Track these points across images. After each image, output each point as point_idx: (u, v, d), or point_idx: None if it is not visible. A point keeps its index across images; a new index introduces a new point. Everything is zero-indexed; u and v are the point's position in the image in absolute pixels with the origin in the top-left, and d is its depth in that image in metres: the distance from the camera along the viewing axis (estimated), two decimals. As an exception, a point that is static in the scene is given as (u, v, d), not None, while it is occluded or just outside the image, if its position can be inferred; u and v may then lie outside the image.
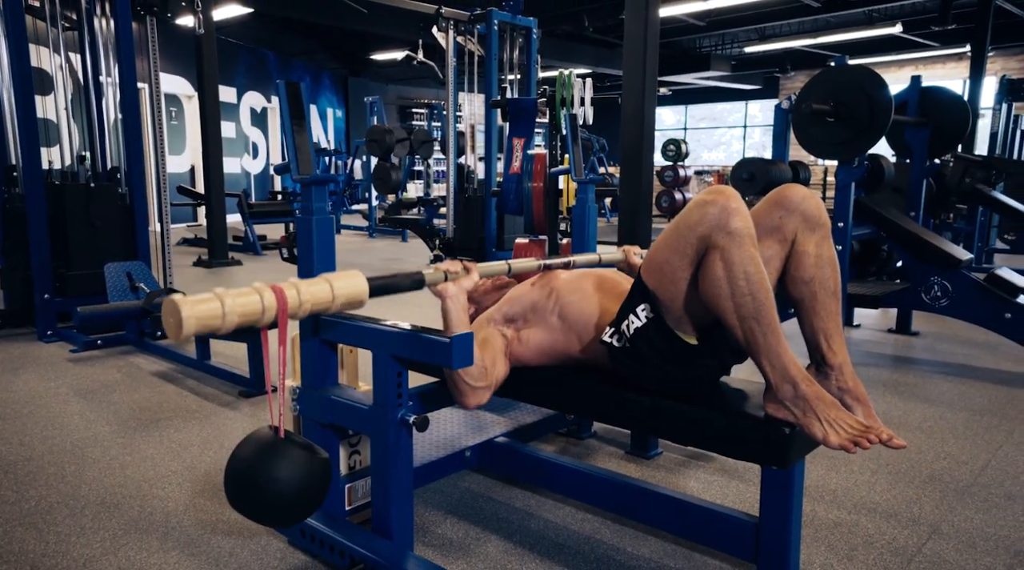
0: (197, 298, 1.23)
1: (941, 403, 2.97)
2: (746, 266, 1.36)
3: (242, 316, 1.26)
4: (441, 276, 1.60)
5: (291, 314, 1.34)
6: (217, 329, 1.25)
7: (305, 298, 1.34)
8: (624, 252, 2.10)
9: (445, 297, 1.59)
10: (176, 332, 1.21)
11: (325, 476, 1.38)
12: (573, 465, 1.92)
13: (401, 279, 1.54)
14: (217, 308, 1.23)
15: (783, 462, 1.42)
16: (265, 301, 1.29)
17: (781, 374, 1.39)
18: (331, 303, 1.39)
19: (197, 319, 1.21)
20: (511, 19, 6.08)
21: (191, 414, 2.79)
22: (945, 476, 2.25)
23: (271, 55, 13.80)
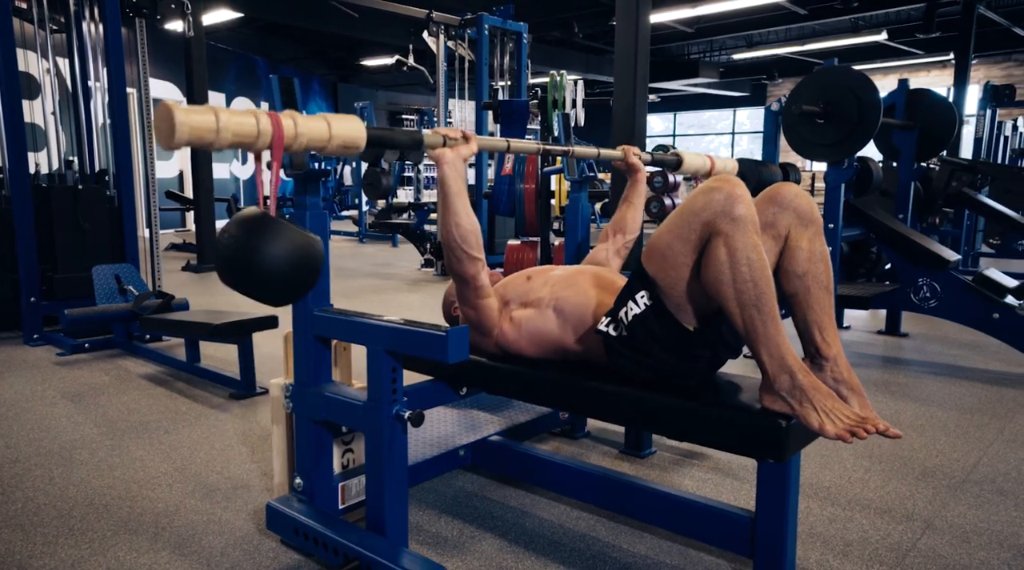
0: (192, 107, 1.21)
1: (931, 402, 2.98)
2: (749, 253, 1.36)
3: (236, 134, 1.26)
4: (440, 139, 1.61)
5: (287, 144, 1.34)
6: (210, 144, 1.24)
7: (302, 130, 1.35)
8: (623, 150, 2.13)
9: (443, 162, 1.62)
10: (167, 137, 1.19)
11: (316, 251, 1.42)
12: (568, 462, 1.91)
13: (400, 135, 1.55)
14: (211, 121, 1.22)
15: (780, 455, 1.42)
16: (261, 124, 1.29)
17: (779, 363, 1.39)
18: (327, 142, 1.40)
19: (191, 127, 1.19)
20: (502, 24, 6.11)
21: (181, 416, 2.76)
22: (938, 473, 2.25)
23: (261, 61, 13.77)
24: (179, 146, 1.19)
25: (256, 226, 1.36)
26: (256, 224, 1.36)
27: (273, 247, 1.35)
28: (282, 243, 1.36)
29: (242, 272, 1.37)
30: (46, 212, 3.99)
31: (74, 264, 4.05)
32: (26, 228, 3.86)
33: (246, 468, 2.26)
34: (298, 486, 1.72)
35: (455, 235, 1.67)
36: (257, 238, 1.35)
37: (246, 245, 1.34)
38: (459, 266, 1.71)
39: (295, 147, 1.34)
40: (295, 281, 1.42)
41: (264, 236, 1.35)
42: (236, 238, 1.36)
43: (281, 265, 1.36)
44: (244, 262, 1.35)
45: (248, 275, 1.37)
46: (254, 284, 1.39)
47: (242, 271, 1.36)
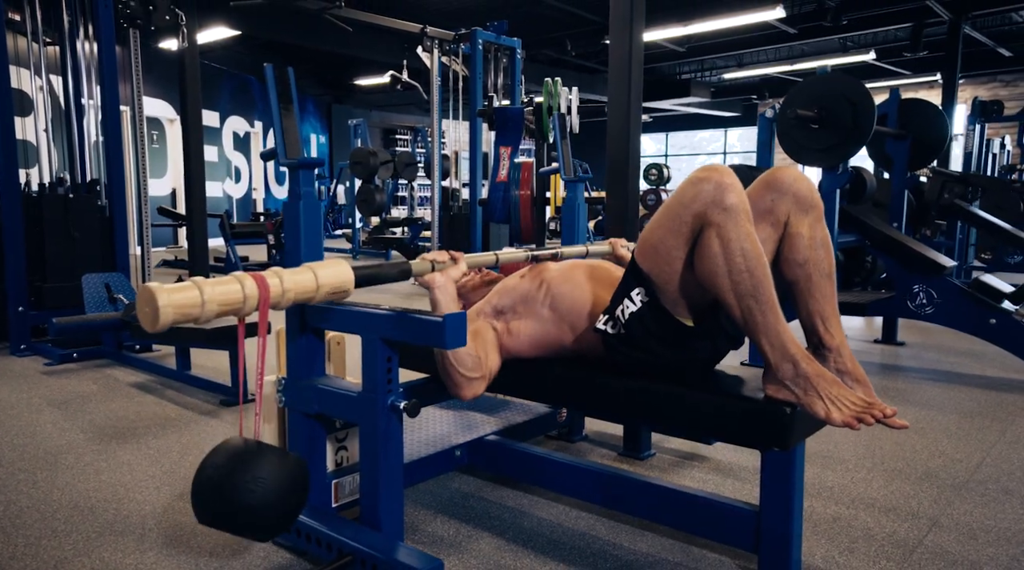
0: (175, 286, 1.19)
1: (931, 406, 2.95)
2: (742, 242, 1.34)
3: (222, 305, 1.23)
4: (428, 266, 1.57)
5: (273, 303, 1.31)
6: (196, 319, 1.21)
7: (288, 287, 1.32)
8: (611, 244, 2.08)
9: (433, 287, 1.55)
10: (152, 322, 1.17)
11: (302, 482, 1.32)
12: (566, 460, 1.87)
13: (388, 269, 1.51)
14: (196, 297, 1.20)
15: (785, 443, 1.39)
16: (246, 290, 1.26)
17: (780, 352, 1.37)
18: (315, 292, 1.36)
19: (175, 308, 1.17)
20: (495, 39, 6.14)
21: (170, 422, 2.71)
22: (941, 473, 2.22)
23: (255, 80, 13.82)
24: (166, 327, 1.16)
25: (241, 459, 1.25)
26: (241, 457, 1.25)
27: (260, 492, 1.23)
28: (267, 476, 1.24)
29: (230, 514, 1.24)
30: (36, 221, 3.95)
31: (64, 273, 4.01)
32: (15, 237, 3.82)
33: (236, 471, 2.20)
34: (290, 482, 1.67)
35: (451, 358, 1.53)
36: (242, 473, 1.23)
37: (232, 484, 1.22)
38: (457, 391, 1.59)
39: (282, 304, 1.32)
40: (285, 511, 1.29)
41: (252, 472, 1.23)
42: (222, 474, 1.24)
43: (269, 501, 1.24)
44: (231, 507, 1.23)
45: (232, 517, 1.24)
46: (242, 524, 1.26)
47: (226, 510, 1.24)
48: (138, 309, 1.17)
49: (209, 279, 1.21)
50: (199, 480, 1.25)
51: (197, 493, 1.25)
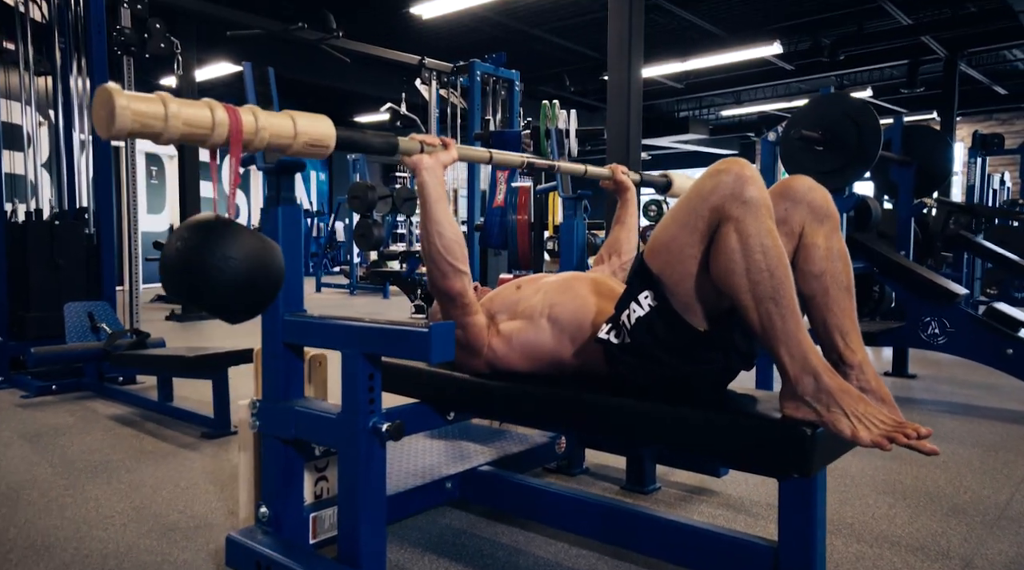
0: (137, 94, 1.07)
1: (951, 440, 2.80)
2: (763, 239, 1.22)
3: (188, 125, 1.11)
4: (416, 146, 1.49)
5: (246, 140, 1.19)
6: (157, 135, 1.10)
7: (263, 125, 1.21)
8: (611, 168, 2.02)
9: (420, 168, 1.48)
10: (107, 125, 1.05)
11: (277, 260, 1.25)
12: (567, 493, 1.72)
13: (372, 137, 1.41)
14: (159, 109, 1.08)
15: (806, 469, 1.25)
16: (217, 116, 1.14)
17: (801, 364, 1.24)
18: (292, 139, 1.25)
19: (134, 113, 1.05)
20: (494, 70, 6.12)
21: (146, 455, 2.55)
22: (969, 509, 2.07)
23: (255, 118, 13.88)
24: (120, 135, 1.05)
25: (210, 231, 1.20)
26: (209, 229, 1.20)
27: (229, 253, 1.18)
28: (238, 250, 1.19)
29: (192, 281, 1.19)
30: (20, 249, 3.84)
31: (48, 303, 3.87)
32: (-2, 265, 3.71)
33: (211, 506, 2.05)
34: (263, 516, 1.53)
35: (438, 246, 1.51)
36: (211, 244, 1.18)
37: (198, 251, 1.18)
38: (443, 281, 1.55)
39: (256, 143, 1.21)
40: (252, 293, 1.24)
41: (218, 242, 1.18)
42: (186, 243, 1.19)
43: (237, 275, 1.19)
44: (196, 270, 1.18)
45: (199, 284, 1.19)
46: (205, 293, 1.21)
47: (192, 279, 1.19)
48: (93, 112, 1.06)
49: (178, 99, 1.10)
50: (165, 253, 1.20)
51: (164, 268, 1.20)
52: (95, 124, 1.06)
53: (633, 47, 4.49)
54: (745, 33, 9.04)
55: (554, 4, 8.43)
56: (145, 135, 1.07)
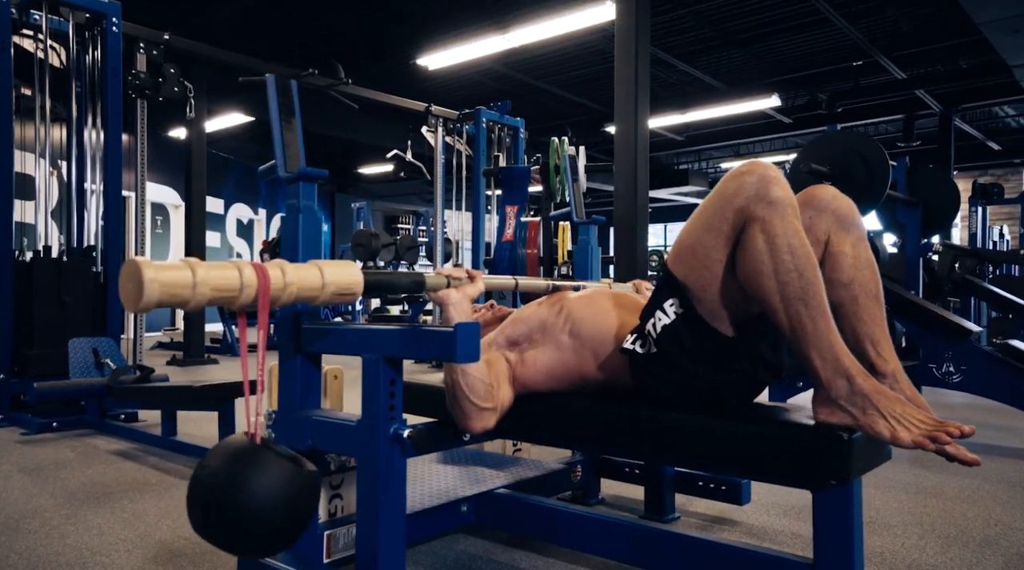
0: (164, 263, 1.05)
1: (975, 476, 2.73)
2: (790, 239, 1.21)
3: (216, 290, 1.08)
4: (443, 281, 1.43)
5: (274, 297, 1.16)
6: (184, 302, 1.06)
7: (291, 280, 1.17)
8: (635, 284, 1.96)
9: (447, 303, 1.41)
10: (135, 298, 1.01)
11: (312, 491, 1.15)
12: (589, 514, 1.66)
13: (399, 277, 1.38)
14: (187, 276, 1.05)
15: (844, 475, 1.21)
16: (244, 277, 1.11)
17: (833, 367, 1.20)
18: (319, 291, 1.21)
19: (162, 285, 1.02)
20: (499, 118, 6.24)
21: (149, 487, 2.48)
22: (1002, 541, 2.00)
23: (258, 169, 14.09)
24: (149, 307, 1.02)
25: (240, 459, 1.13)
26: (240, 456, 1.14)
27: (262, 501, 1.09)
28: (270, 480, 1.11)
29: (219, 514, 1.11)
30: (26, 285, 3.82)
31: (52, 340, 3.83)
32: (3, 301, 3.67)
33: (217, 534, 1.98)
34: (276, 532, 1.47)
35: (462, 384, 1.40)
36: (241, 473, 1.11)
37: (226, 481, 1.10)
38: (467, 422, 1.43)
39: (283, 300, 1.17)
40: (283, 535, 1.15)
41: (254, 477, 1.11)
42: (219, 483, 1.11)
43: (266, 508, 1.10)
44: (223, 502, 1.10)
45: (226, 517, 1.10)
46: (231, 530, 1.12)
47: (219, 512, 1.11)
48: (120, 286, 1.02)
49: (204, 262, 1.07)
50: (194, 479, 1.14)
51: (191, 495, 1.13)
52: (122, 297, 1.03)
53: (640, 97, 4.58)
54: (745, 86, 9.24)
55: (558, 57, 8.65)
56: (173, 304, 1.04)
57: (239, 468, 1.11)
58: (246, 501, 1.08)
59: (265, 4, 7.01)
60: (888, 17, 7.51)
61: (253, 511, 1.08)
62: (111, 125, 4.08)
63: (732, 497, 2.07)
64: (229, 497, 1.09)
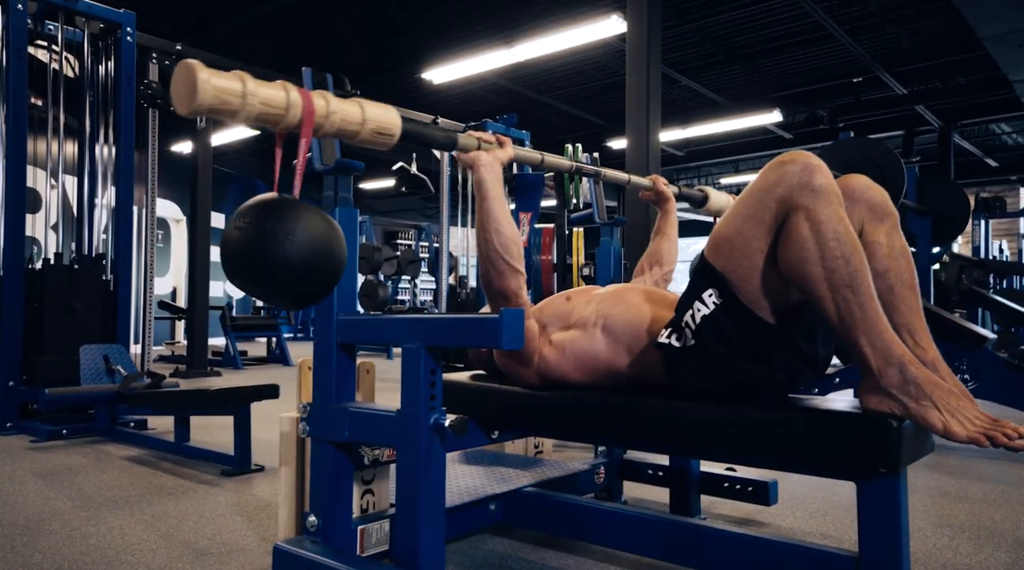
0: (216, 71, 1.06)
1: (998, 481, 2.72)
2: (836, 226, 1.20)
3: (264, 104, 1.11)
4: (474, 142, 1.50)
5: (318, 123, 1.18)
6: (234, 112, 1.08)
7: (333, 109, 1.20)
8: (652, 179, 2.03)
9: (479, 165, 1.48)
10: (188, 99, 1.03)
11: (339, 243, 1.22)
12: (625, 510, 1.65)
13: (435, 130, 1.43)
14: (238, 85, 1.07)
15: (894, 462, 1.20)
16: (291, 97, 1.14)
17: (884, 355, 1.19)
18: (360, 126, 1.25)
19: (215, 88, 1.04)
20: (505, 131, 6.26)
21: (166, 491, 2.46)
22: (1031, 540, 1.98)
23: (261, 185, 14.12)
24: (200, 110, 1.04)
25: (274, 209, 1.16)
26: (274, 207, 1.17)
27: (293, 231, 1.14)
28: (304, 227, 1.15)
29: (255, 260, 1.14)
30: (37, 293, 3.81)
31: (62, 347, 3.81)
32: (14, 311, 3.65)
33: (241, 534, 1.96)
34: (311, 525, 1.45)
35: (495, 243, 1.50)
36: (274, 221, 1.14)
37: (261, 230, 1.13)
38: (500, 280, 1.53)
39: (326, 128, 1.21)
40: (317, 273, 1.19)
41: (282, 219, 1.14)
42: (250, 222, 1.15)
43: (302, 253, 1.14)
44: (258, 249, 1.13)
45: (262, 264, 1.14)
46: (268, 275, 1.16)
47: (255, 259, 1.14)
48: (172, 88, 1.05)
49: (253, 78, 1.11)
50: (227, 232, 1.17)
51: (225, 244, 1.16)
52: (174, 100, 1.05)
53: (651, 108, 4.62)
54: (747, 102, 9.31)
55: (561, 72, 8.71)
56: (222, 112, 1.05)
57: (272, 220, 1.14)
58: (280, 251, 1.13)
59: (274, 17, 7.06)
60: (889, 34, 7.60)
61: (286, 260, 1.13)
62: (124, 134, 4.09)
63: (760, 498, 2.05)
64: (266, 248, 1.13)
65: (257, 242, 1.13)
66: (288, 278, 1.16)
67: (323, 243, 1.18)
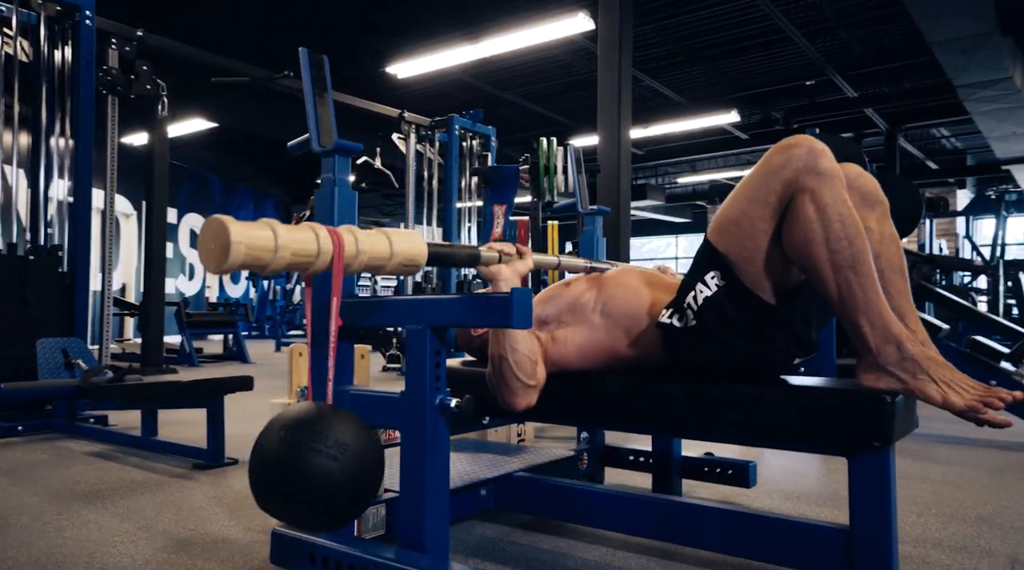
0: (247, 223, 1.04)
1: (956, 463, 2.84)
2: (840, 208, 1.25)
3: (295, 253, 1.09)
4: (495, 256, 1.46)
5: (347, 262, 1.16)
6: (264, 265, 1.06)
7: (363, 248, 1.19)
8: (659, 267, 2.00)
9: (499, 280, 1.44)
10: (219, 259, 1.01)
11: (379, 454, 1.16)
12: (615, 491, 1.68)
13: (459, 250, 1.41)
14: (270, 238, 1.06)
15: (888, 436, 1.25)
16: (321, 241, 1.12)
17: (883, 333, 1.25)
18: (388, 260, 1.23)
19: (248, 246, 1.02)
20: (471, 126, 6.27)
21: (137, 485, 2.39)
22: (996, 518, 2.08)
23: (215, 179, 13.81)
24: (231, 269, 1.02)
25: (310, 427, 1.10)
26: (310, 424, 1.10)
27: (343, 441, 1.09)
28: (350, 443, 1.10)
29: (293, 486, 1.07)
30: (-11, 284, 3.65)
31: (16, 342, 3.66)
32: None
33: (225, 525, 1.92)
34: (310, 510, 1.43)
35: (510, 360, 1.42)
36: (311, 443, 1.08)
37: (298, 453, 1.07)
38: (512, 399, 1.45)
39: (355, 267, 1.19)
40: (355, 498, 1.14)
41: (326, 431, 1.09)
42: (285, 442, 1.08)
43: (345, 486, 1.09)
44: (295, 474, 1.06)
45: (300, 490, 1.07)
46: (308, 501, 1.09)
47: (293, 485, 1.07)
48: (200, 246, 1.02)
49: (282, 224, 1.07)
50: (260, 446, 1.09)
51: (258, 463, 1.08)
52: (202, 256, 1.03)
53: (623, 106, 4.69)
54: (706, 102, 9.49)
55: (524, 69, 8.75)
56: (253, 267, 1.04)
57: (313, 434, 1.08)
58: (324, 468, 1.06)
59: (239, 6, 6.91)
60: (842, 38, 7.84)
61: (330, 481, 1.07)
62: (83, 122, 3.96)
63: (740, 480, 2.11)
64: (304, 468, 1.06)
65: (297, 469, 1.06)
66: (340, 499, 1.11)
67: (369, 464, 1.14)
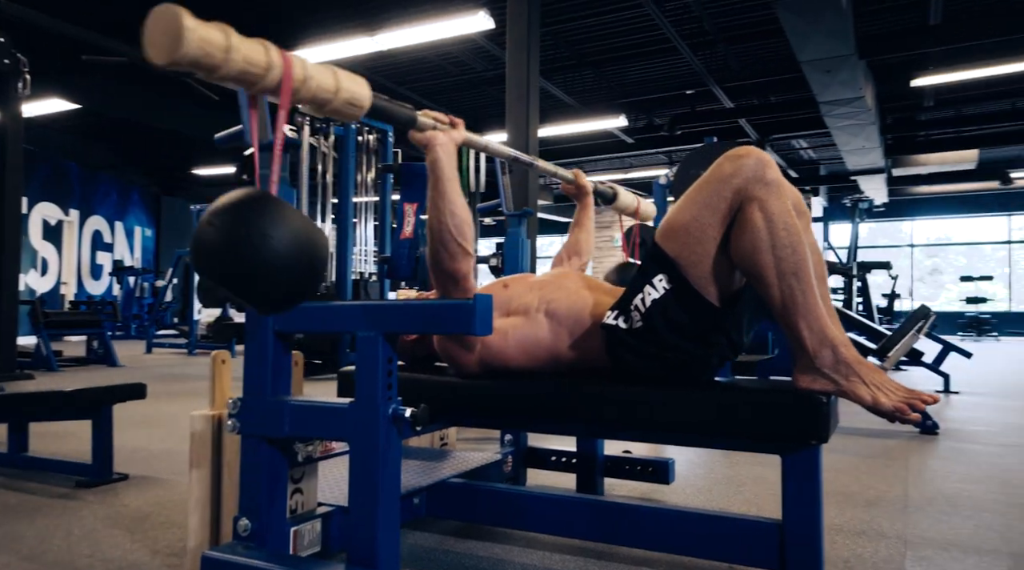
0: (201, 20, 0.99)
1: (835, 451, 3.07)
2: (785, 218, 1.31)
3: (247, 60, 1.05)
4: (431, 122, 1.50)
5: (295, 86, 1.14)
6: (216, 66, 1.01)
7: (311, 74, 1.16)
8: (575, 173, 2.11)
9: (435, 144, 1.46)
10: (169, 48, 0.95)
11: (322, 241, 1.15)
12: (547, 494, 1.69)
13: (398, 108, 1.40)
14: (222, 36, 1.01)
15: (824, 434, 1.33)
16: (271, 56, 1.09)
17: (819, 337, 1.32)
18: (335, 93, 1.21)
19: (200, 39, 0.97)
20: (368, 120, 6.10)
21: (11, 509, 2.14)
22: (882, 501, 2.26)
23: (74, 166, 12.69)
24: (182, 62, 0.96)
25: (257, 207, 1.07)
26: (257, 205, 1.08)
27: (279, 232, 1.07)
28: (288, 229, 1.08)
29: (241, 259, 1.06)
30: None
31: None
32: None
33: (127, 548, 1.76)
34: (244, 529, 1.34)
35: (450, 225, 1.45)
36: (261, 221, 1.06)
37: (249, 227, 1.05)
38: (452, 263, 1.47)
39: (302, 93, 1.16)
40: (300, 277, 1.12)
41: (268, 219, 1.06)
42: (234, 218, 1.06)
43: (289, 255, 1.08)
44: (246, 248, 1.05)
45: (249, 263, 1.06)
46: (254, 275, 1.08)
47: (241, 258, 1.06)
48: (148, 35, 0.95)
49: None
50: (200, 227, 1.08)
51: (198, 240, 1.07)
52: (149, 48, 0.95)
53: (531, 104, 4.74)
54: (595, 106, 9.76)
55: (420, 65, 8.64)
56: (203, 67, 0.98)
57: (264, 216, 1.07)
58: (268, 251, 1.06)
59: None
60: (718, 52, 8.30)
61: (274, 262, 1.07)
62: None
63: (659, 477, 2.18)
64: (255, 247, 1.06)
65: (249, 243, 1.05)
66: (279, 282, 1.10)
67: (309, 243, 1.11)
